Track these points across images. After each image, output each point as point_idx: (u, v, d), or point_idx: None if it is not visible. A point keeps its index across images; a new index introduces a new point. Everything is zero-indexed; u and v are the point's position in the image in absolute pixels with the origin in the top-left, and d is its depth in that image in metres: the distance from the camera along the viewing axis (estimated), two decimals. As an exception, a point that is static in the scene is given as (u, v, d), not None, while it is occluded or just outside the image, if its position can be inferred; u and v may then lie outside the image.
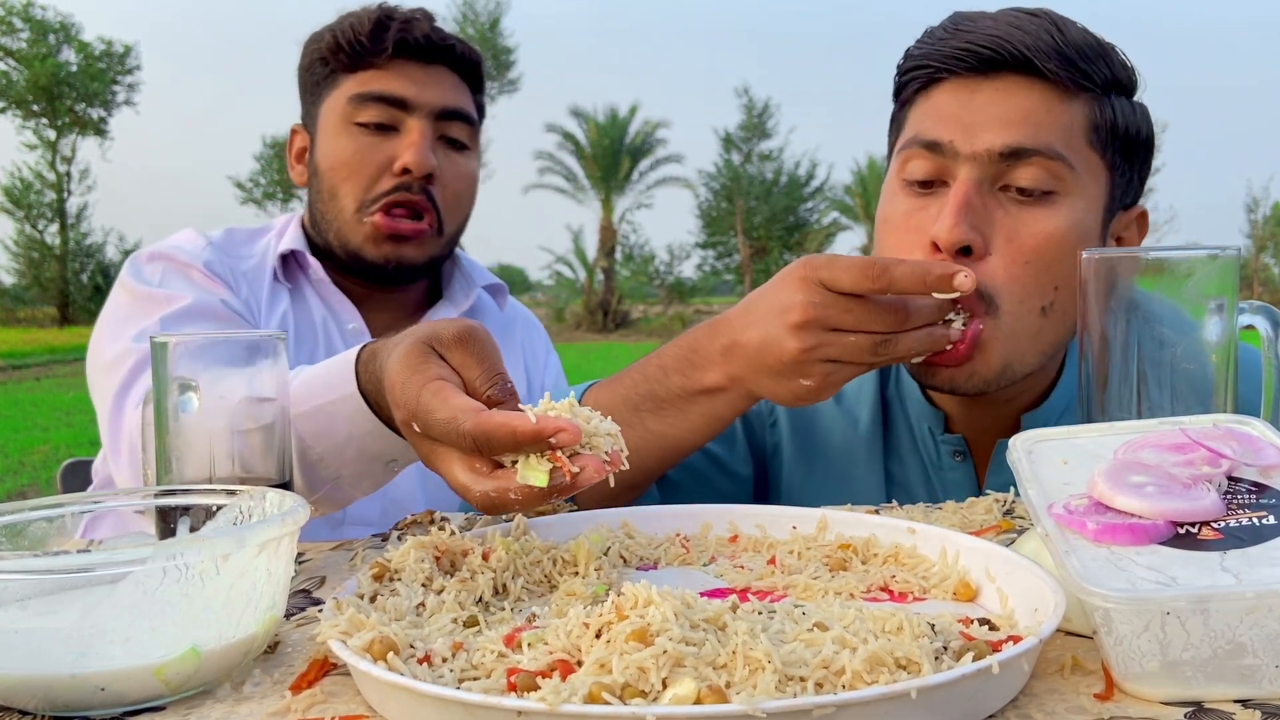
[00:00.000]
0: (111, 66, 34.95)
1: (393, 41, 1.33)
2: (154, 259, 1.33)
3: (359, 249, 1.36)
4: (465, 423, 0.70)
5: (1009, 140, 0.95)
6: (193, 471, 0.82)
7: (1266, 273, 37.68)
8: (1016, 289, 0.96)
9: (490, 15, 35.84)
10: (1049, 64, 0.96)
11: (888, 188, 1.06)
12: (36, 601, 0.59)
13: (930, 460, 1.13)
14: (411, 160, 1.32)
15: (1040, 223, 0.96)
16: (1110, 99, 1.00)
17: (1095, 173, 0.99)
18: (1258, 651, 0.52)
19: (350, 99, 1.34)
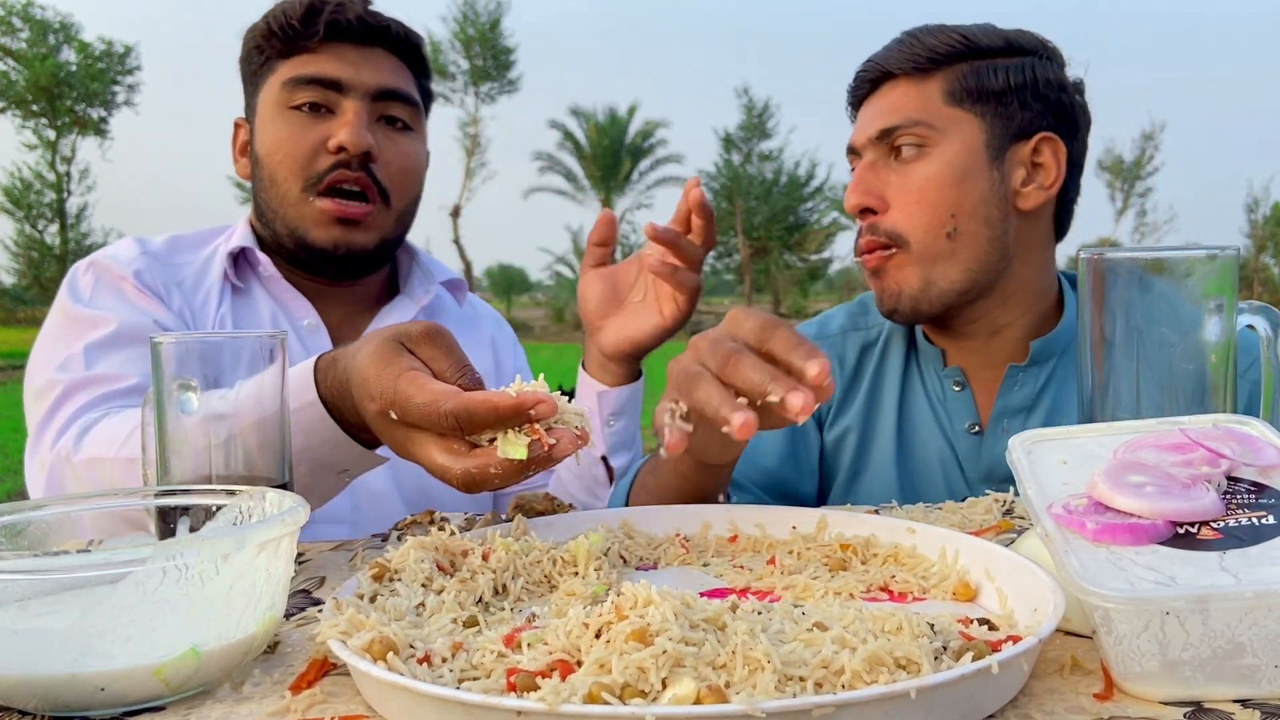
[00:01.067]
0: (111, 66, 34.95)
1: (324, 24, 1.32)
2: (89, 269, 1.32)
3: (306, 234, 1.33)
4: (446, 403, 0.74)
5: (880, 126, 1.26)
6: (192, 471, 0.82)
7: (1266, 273, 37.68)
8: (916, 224, 1.22)
9: (490, 15, 35.84)
10: (903, 66, 1.26)
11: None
12: (36, 601, 0.59)
13: (935, 394, 1.35)
14: (346, 138, 1.29)
15: (919, 171, 1.23)
16: (966, 65, 1.25)
17: (961, 123, 1.24)
18: (1257, 651, 0.52)
19: (284, 83, 1.32)
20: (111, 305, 1.27)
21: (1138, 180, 38.53)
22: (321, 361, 0.91)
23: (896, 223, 1.23)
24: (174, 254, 1.38)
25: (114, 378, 1.18)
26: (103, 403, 1.16)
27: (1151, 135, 38.22)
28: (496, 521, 0.94)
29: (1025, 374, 1.29)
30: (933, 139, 1.23)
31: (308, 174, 1.31)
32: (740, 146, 38.35)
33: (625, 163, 36.36)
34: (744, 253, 37.01)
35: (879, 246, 1.24)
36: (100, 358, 1.20)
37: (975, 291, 1.25)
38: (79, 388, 1.17)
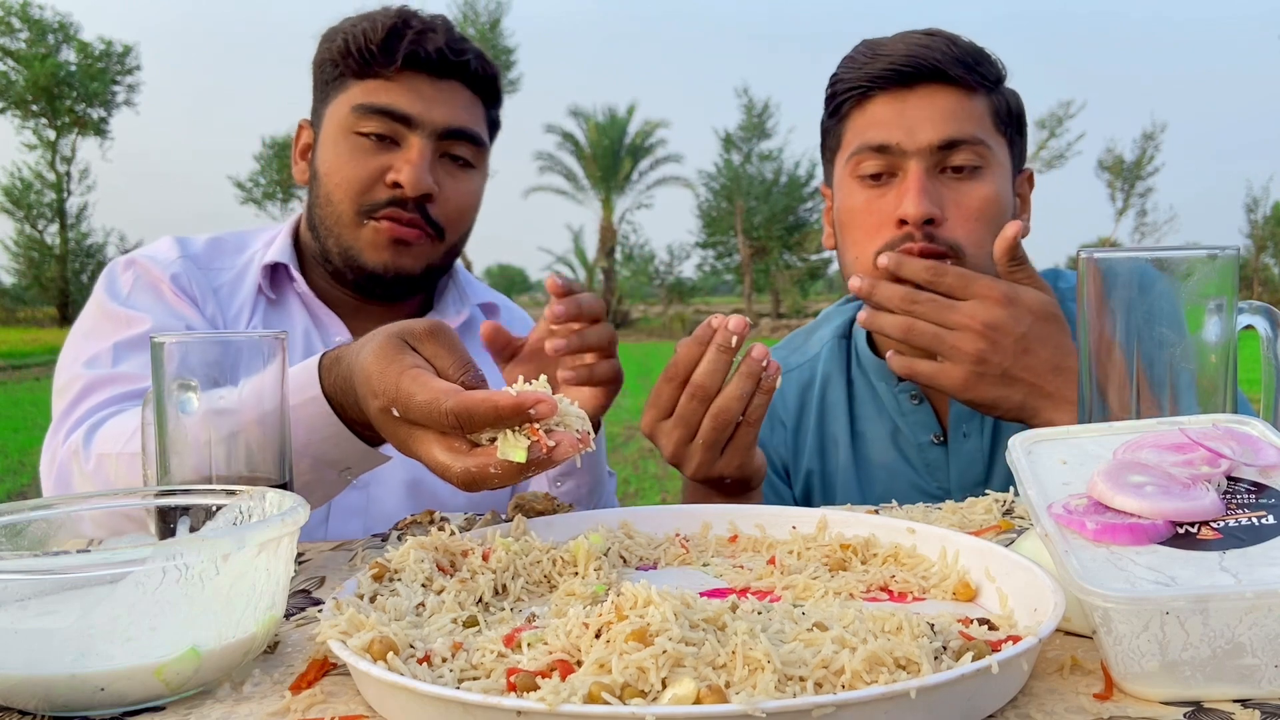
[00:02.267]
0: (111, 66, 34.97)
1: (403, 54, 1.29)
2: (128, 267, 1.32)
3: (359, 255, 1.32)
4: (447, 402, 0.74)
5: (944, 134, 1.20)
6: (192, 471, 0.82)
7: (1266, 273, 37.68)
8: (973, 239, 1.21)
9: (490, 15, 35.86)
10: (956, 70, 1.21)
11: (844, 185, 1.28)
12: (36, 601, 0.59)
13: (893, 409, 1.34)
14: (406, 179, 1.28)
15: (977, 191, 1.22)
16: (999, 91, 1.26)
17: (1002, 148, 1.26)
18: (1257, 651, 0.52)
19: (354, 108, 1.30)
20: (147, 305, 1.27)
21: (1138, 180, 38.54)
22: (325, 359, 0.91)
23: (957, 235, 1.20)
24: (213, 258, 1.38)
25: (135, 377, 1.18)
26: (119, 401, 1.16)
27: (1152, 135, 38.23)
28: (496, 521, 0.94)
29: None
30: (988, 160, 1.22)
31: (362, 202, 1.31)
32: (740, 146, 38.35)
33: (625, 163, 36.34)
34: (744, 253, 37.01)
35: (937, 254, 1.19)
36: (127, 356, 1.20)
37: None
38: (100, 384, 1.17)
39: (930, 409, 1.32)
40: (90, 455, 1.08)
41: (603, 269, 35.53)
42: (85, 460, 1.08)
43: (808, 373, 1.41)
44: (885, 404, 1.35)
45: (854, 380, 1.39)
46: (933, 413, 1.32)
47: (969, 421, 1.29)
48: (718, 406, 0.98)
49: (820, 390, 1.39)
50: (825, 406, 1.39)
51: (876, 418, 1.35)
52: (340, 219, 1.32)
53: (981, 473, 1.28)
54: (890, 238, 1.20)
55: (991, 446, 1.29)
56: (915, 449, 1.32)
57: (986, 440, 1.29)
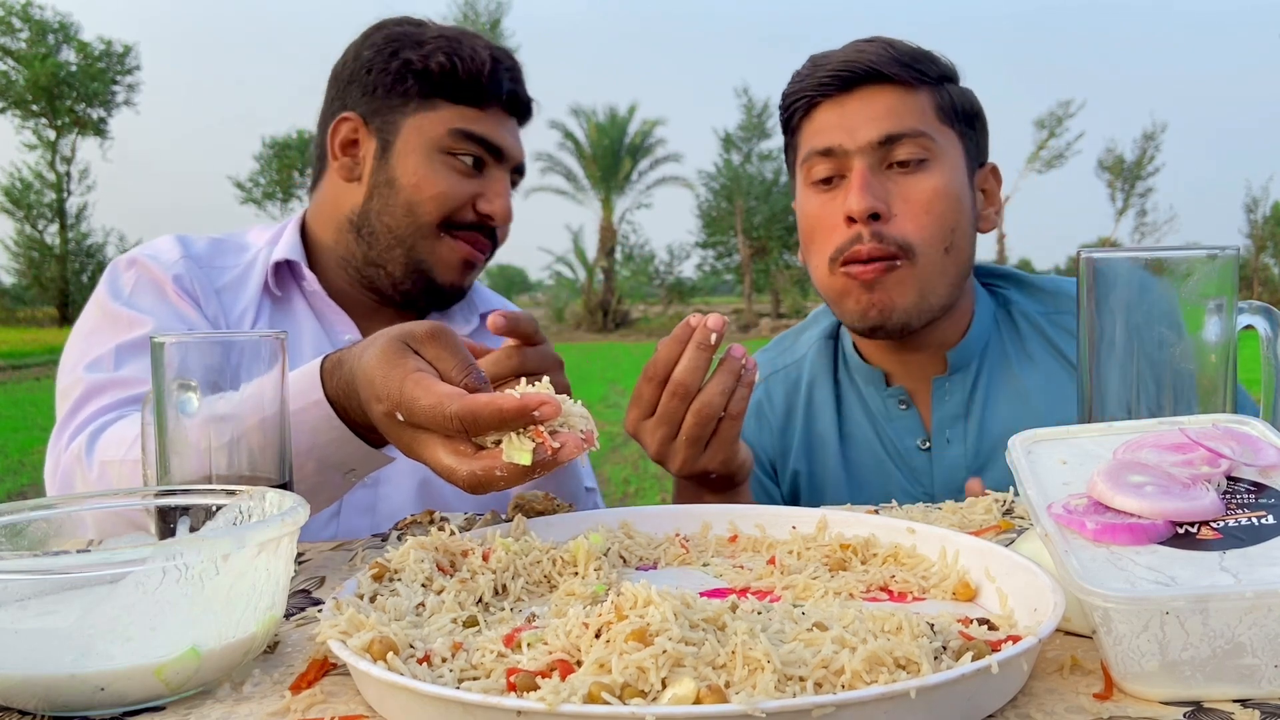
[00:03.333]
0: (111, 66, 34.97)
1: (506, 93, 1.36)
2: (131, 265, 1.32)
3: (432, 269, 1.35)
4: (451, 405, 0.74)
5: (883, 130, 1.22)
6: (192, 471, 0.82)
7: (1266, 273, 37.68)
8: (924, 235, 1.21)
9: (491, 15, 35.86)
10: (893, 69, 1.23)
11: (801, 194, 1.30)
12: (36, 601, 0.59)
13: (880, 414, 1.35)
14: (498, 210, 1.36)
15: (924, 183, 1.22)
16: (944, 87, 1.27)
17: (951, 141, 1.26)
18: (1257, 651, 0.52)
19: (453, 131, 1.34)
20: (149, 306, 1.27)
21: (1138, 180, 38.54)
22: (327, 362, 0.91)
23: (905, 232, 1.21)
24: (216, 257, 1.37)
25: (137, 382, 1.18)
26: (121, 406, 1.16)
27: (1152, 135, 38.24)
28: (496, 521, 0.94)
29: (950, 383, 1.30)
30: (933, 151, 1.23)
31: (450, 219, 1.34)
32: (740, 146, 38.34)
33: (625, 162, 36.34)
34: (744, 253, 37.00)
35: (885, 255, 1.20)
36: (129, 359, 1.20)
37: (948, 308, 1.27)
38: (102, 389, 1.17)
39: (917, 414, 1.33)
40: (93, 463, 1.08)
41: (603, 269, 35.52)
42: (88, 468, 1.08)
43: (795, 373, 1.42)
44: (872, 408, 1.35)
45: (840, 381, 1.39)
46: (919, 418, 1.32)
47: (953, 425, 1.30)
48: (700, 403, 0.98)
49: (807, 391, 1.40)
50: (812, 408, 1.39)
51: (863, 420, 1.36)
52: (420, 230, 1.34)
53: (964, 479, 1.28)
54: (841, 239, 1.22)
55: (975, 453, 1.29)
56: (902, 454, 1.32)
57: (970, 447, 1.29)
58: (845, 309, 1.26)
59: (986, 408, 1.29)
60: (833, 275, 1.24)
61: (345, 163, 1.38)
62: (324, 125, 1.41)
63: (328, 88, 1.42)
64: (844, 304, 1.25)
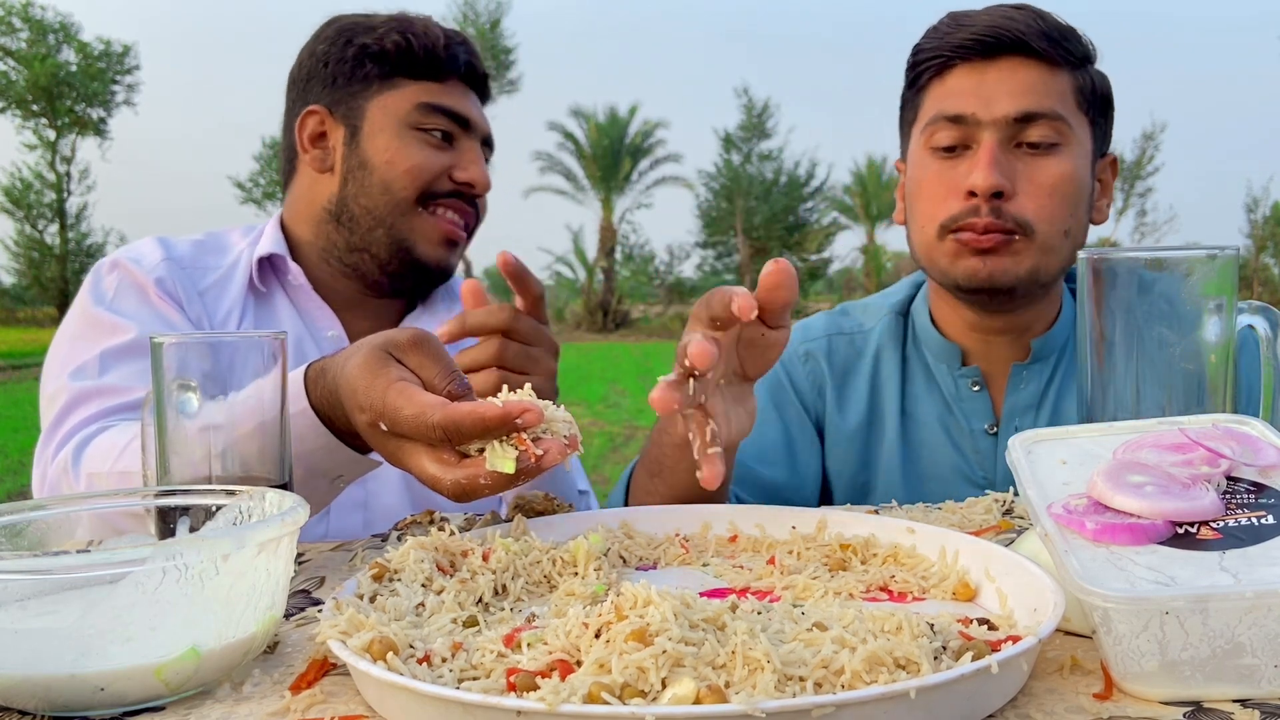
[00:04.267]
0: (111, 66, 34.96)
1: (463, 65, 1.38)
2: (113, 269, 1.31)
3: (414, 246, 1.35)
4: (434, 415, 0.75)
5: (1020, 107, 1.18)
6: (192, 471, 0.82)
7: (1266, 273, 37.69)
8: (1045, 215, 1.18)
9: (490, 15, 35.85)
10: (1040, 44, 1.19)
11: (916, 157, 1.27)
12: (36, 601, 0.59)
13: (949, 394, 1.32)
14: (476, 177, 1.36)
15: (1052, 168, 1.19)
16: (1085, 69, 1.24)
17: (1083, 127, 1.23)
18: (1256, 651, 0.52)
19: (419, 105, 1.35)
20: (133, 310, 1.26)
21: (1138, 180, 38.55)
22: (311, 370, 0.92)
23: (1026, 211, 1.18)
24: (199, 259, 1.37)
25: (122, 390, 1.18)
26: (107, 415, 1.16)
27: (1152, 135, 38.25)
28: (496, 521, 0.94)
29: (1029, 371, 1.28)
30: (1066, 137, 1.19)
31: (427, 191, 1.34)
32: (740, 146, 38.35)
33: (625, 162, 36.34)
34: (744, 253, 37.01)
35: (1002, 230, 1.17)
36: (113, 366, 1.20)
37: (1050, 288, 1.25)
38: (88, 397, 1.17)
39: (988, 397, 1.30)
40: (80, 475, 1.08)
41: (603, 269, 35.53)
42: (75, 480, 1.08)
43: (860, 342, 1.38)
44: (942, 387, 1.32)
45: (909, 358, 1.36)
46: (989, 402, 1.30)
47: (1023, 415, 1.28)
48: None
49: (874, 364, 1.36)
50: (878, 381, 1.36)
51: (928, 399, 1.33)
52: (398, 206, 1.34)
53: None
54: (958, 209, 1.19)
55: None
56: (967, 436, 1.29)
57: None
58: (954, 269, 1.21)
59: (1059, 401, 1.28)
60: (942, 241, 1.21)
61: (316, 155, 1.38)
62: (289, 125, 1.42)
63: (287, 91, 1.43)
64: (954, 265, 1.21)
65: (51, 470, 1.12)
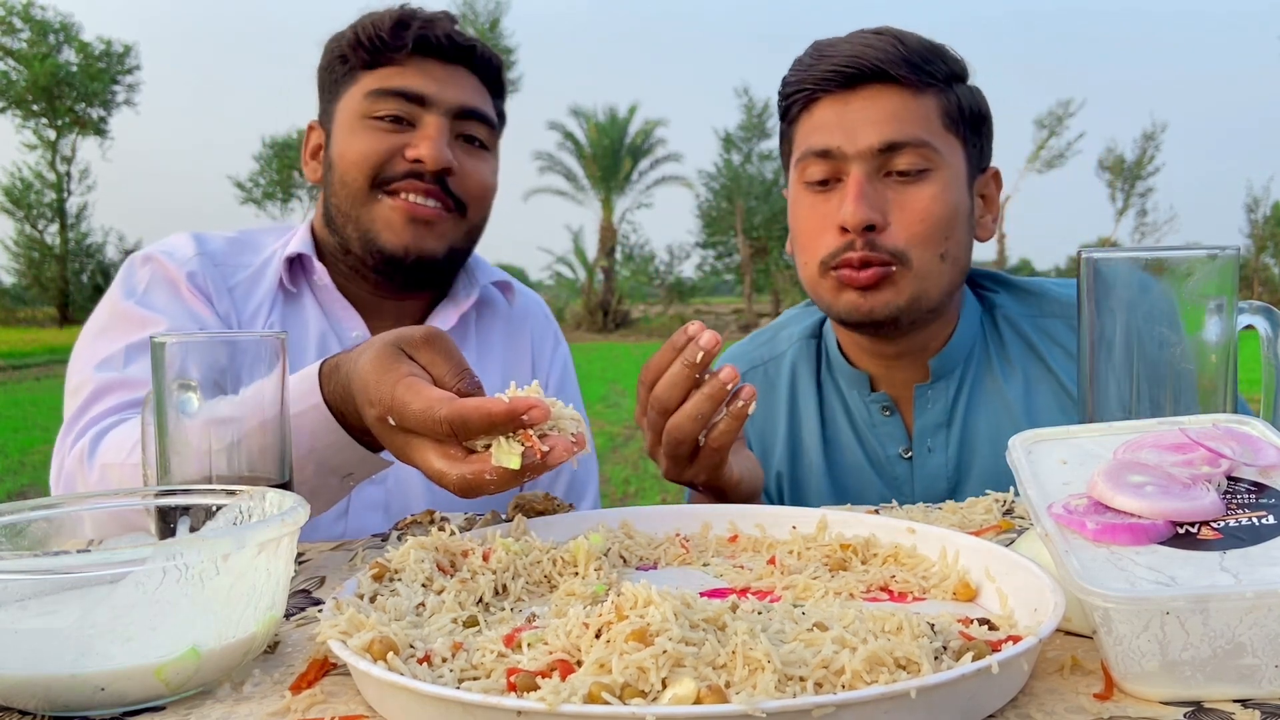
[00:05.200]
0: (111, 66, 34.97)
1: (413, 39, 1.31)
2: (145, 262, 1.32)
3: (377, 236, 1.30)
4: (441, 410, 0.76)
5: (884, 137, 1.18)
6: (192, 471, 0.82)
7: (1266, 273, 37.68)
8: (917, 244, 1.19)
9: (490, 15, 35.86)
10: (900, 71, 1.19)
11: (793, 193, 1.27)
12: (36, 601, 0.59)
13: (864, 420, 1.32)
14: (426, 153, 1.28)
15: (922, 194, 1.19)
16: (952, 88, 1.23)
17: (953, 149, 1.22)
18: (1257, 651, 0.52)
19: (367, 94, 1.31)
20: (163, 304, 1.27)
21: (1138, 180, 38.54)
22: (325, 366, 0.92)
23: (899, 241, 1.18)
24: (232, 255, 1.37)
25: (144, 382, 1.18)
26: (128, 408, 1.16)
27: (1152, 135, 38.24)
28: (496, 521, 0.94)
29: (933, 391, 1.28)
30: (935, 162, 1.19)
31: (379, 175, 1.30)
32: (740, 146, 38.34)
33: (625, 163, 36.34)
34: (744, 253, 37.01)
35: (878, 263, 1.18)
36: (138, 358, 1.20)
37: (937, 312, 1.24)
38: (110, 389, 1.17)
39: (900, 421, 1.30)
40: (94, 465, 1.08)
41: (603, 269, 35.53)
42: (89, 470, 1.08)
43: (774, 371, 1.39)
44: (855, 413, 1.32)
45: (823, 383, 1.36)
46: (903, 425, 1.30)
47: (934, 434, 1.27)
48: (672, 423, 0.92)
49: (789, 391, 1.37)
50: (796, 409, 1.36)
51: (846, 425, 1.33)
52: (354, 197, 1.31)
53: (945, 490, 1.26)
54: (834, 245, 1.19)
55: (957, 463, 1.26)
56: (882, 461, 1.30)
57: (952, 456, 1.26)
58: (836, 305, 1.22)
59: (968, 416, 1.27)
60: (824, 278, 1.22)
61: (314, 166, 1.40)
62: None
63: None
64: (835, 301, 1.22)
65: (69, 460, 1.12)
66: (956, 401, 1.28)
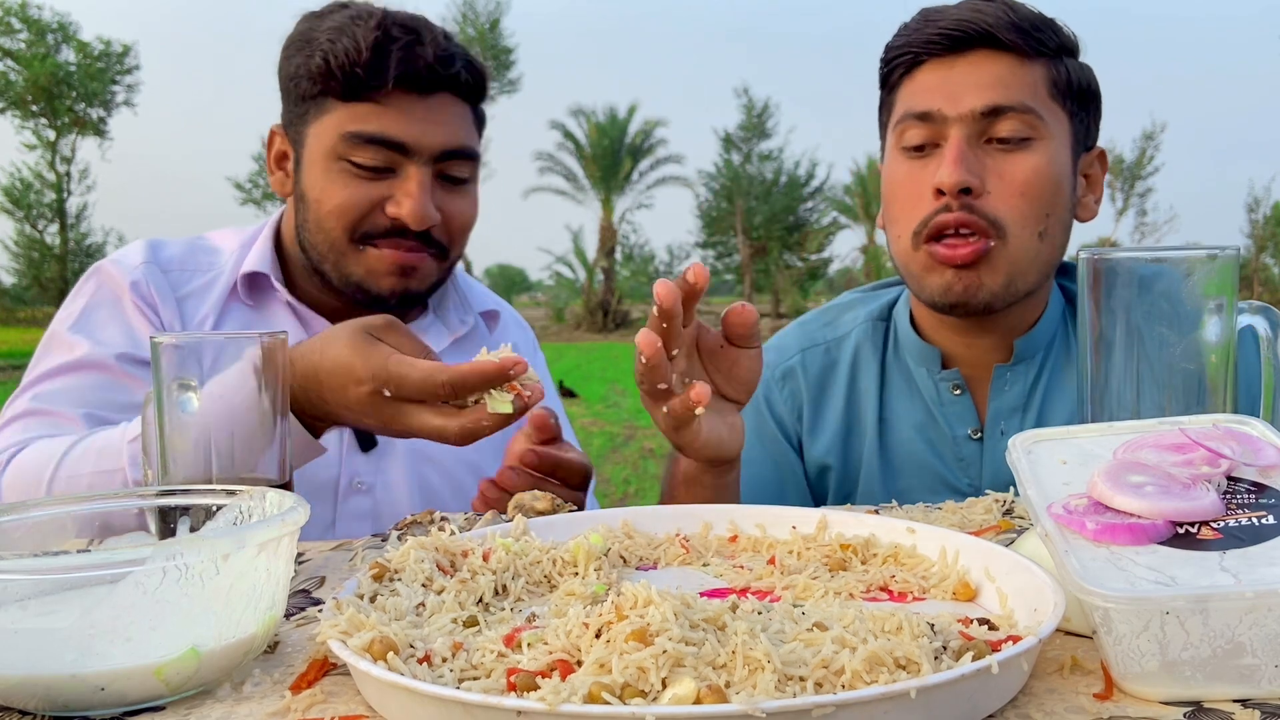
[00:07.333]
0: (110, 66, 34.96)
1: (393, 76, 1.20)
2: (92, 276, 1.29)
3: (361, 281, 1.26)
4: (441, 375, 0.89)
5: (987, 101, 1.15)
6: (192, 471, 0.82)
7: (1266, 273, 37.69)
8: (1016, 217, 1.15)
9: (490, 15, 35.86)
10: (1008, 36, 1.15)
11: (889, 158, 1.24)
12: (36, 601, 0.59)
13: (930, 399, 1.28)
14: (409, 214, 1.22)
15: (1024, 163, 1.15)
16: (1062, 60, 1.19)
17: (1059, 120, 1.18)
18: (1257, 651, 0.52)
19: (344, 136, 1.22)
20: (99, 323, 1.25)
21: (1138, 180, 38.53)
22: None
23: (998, 210, 1.13)
24: (188, 260, 1.33)
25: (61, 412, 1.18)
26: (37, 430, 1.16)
27: (1152, 135, 38.23)
28: (496, 521, 0.94)
29: (1013, 373, 1.25)
30: (1039, 131, 1.15)
31: (359, 230, 1.24)
32: (740, 146, 38.35)
33: (625, 163, 36.35)
34: (744, 253, 37.02)
35: (975, 228, 1.13)
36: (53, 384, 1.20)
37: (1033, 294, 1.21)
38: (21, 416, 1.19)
39: (970, 401, 1.26)
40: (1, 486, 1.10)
41: (602, 269, 35.54)
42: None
43: (835, 353, 1.34)
44: (922, 391, 1.28)
45: (887, 366, 1.32)
46: (972, 406, 1.26)
47: (1009, 418, 1.24)
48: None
49: (850, 372, 1.32)
50: (855, 391, 1.32)
51: (908, 405, 1.28)
52: (335, 246, 1.25)
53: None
54: (928, 210, 1.15)
55: None
56: (949, 442, 1.26)
57: None
58: (928, 284, 1.18)
59: (1046, 402, 1.24)
60: (916, 251, 1.17)
61: (279, 177, 1.33)
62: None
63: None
64: (927, 279, 1.18)
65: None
66: (1035, 385, 1.25)
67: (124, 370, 1.22)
